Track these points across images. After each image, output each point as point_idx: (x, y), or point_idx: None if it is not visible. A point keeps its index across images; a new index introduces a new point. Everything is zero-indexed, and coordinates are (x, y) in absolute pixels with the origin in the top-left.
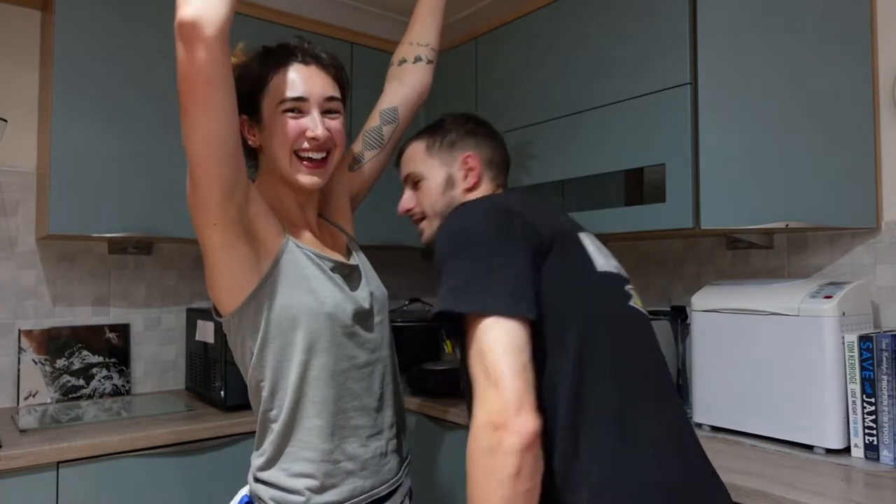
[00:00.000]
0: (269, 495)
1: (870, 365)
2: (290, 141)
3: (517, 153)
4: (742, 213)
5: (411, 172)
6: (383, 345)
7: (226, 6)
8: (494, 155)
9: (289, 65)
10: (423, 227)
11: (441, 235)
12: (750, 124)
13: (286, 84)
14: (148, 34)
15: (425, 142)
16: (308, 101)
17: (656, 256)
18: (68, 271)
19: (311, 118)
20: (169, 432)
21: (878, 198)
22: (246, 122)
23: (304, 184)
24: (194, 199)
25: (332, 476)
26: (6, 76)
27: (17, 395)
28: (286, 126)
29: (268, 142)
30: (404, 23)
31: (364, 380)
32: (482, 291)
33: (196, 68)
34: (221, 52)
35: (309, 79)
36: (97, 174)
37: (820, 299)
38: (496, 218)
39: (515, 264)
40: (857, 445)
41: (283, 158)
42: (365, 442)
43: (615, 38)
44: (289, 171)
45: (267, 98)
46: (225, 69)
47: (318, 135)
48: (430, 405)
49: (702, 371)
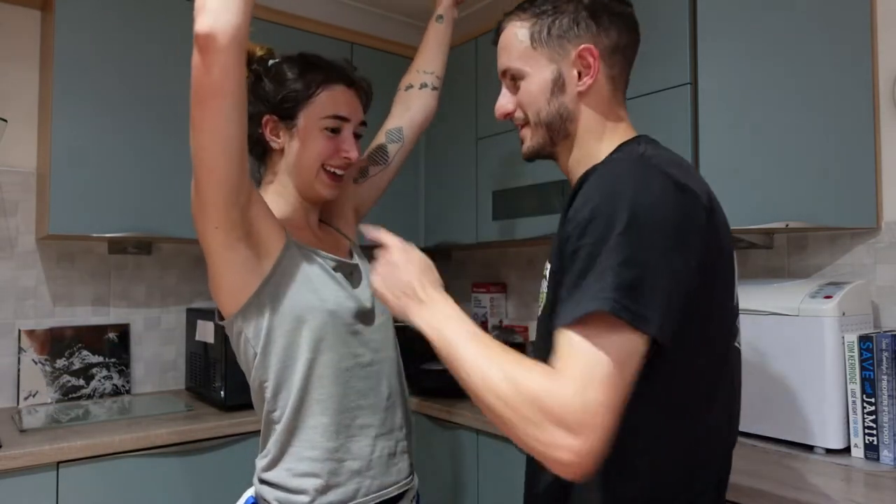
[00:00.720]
0: (274, 496)
1: (870, 365)
2: (325, 156)
3: (517, 153)
4: (742, 213)
5: (508, 67)
6: (388, 345)
7: (240, 16)
8: (620, 39)
9: (337, 84)
10: (525, 136)
11: (609, 200)
12: (750, 124)
13: (333, 102)
14: (148, 34)
15: (528, 28)
16: (349, 123)
17: None
18: (68, 271)
19: (347, 139)
20: (169, 432)
21: (878, 198)
22: (271, 122)
23: (324, 195)
24: (198, 202)
25: (337, 475)
26: (6, 76)
27: (17, 395)
28: (325, 141)
29: (297, 149)
30: (404, 23)
31: (370, 378)
32: (647, 299)
33: (210, 77)
34: (235, 62)
35: (351, 102)
36: (97, 174)
37: (820, 299)
38: (681, 202)
39: (682, 275)
40: (857, 445)
41: (310, 168)
42: (372, 441)
43: None
44: (311, 182)
45: (309, 109)
46: (238, 78)
47: (352, 156)
48: (430, 405)
49: None
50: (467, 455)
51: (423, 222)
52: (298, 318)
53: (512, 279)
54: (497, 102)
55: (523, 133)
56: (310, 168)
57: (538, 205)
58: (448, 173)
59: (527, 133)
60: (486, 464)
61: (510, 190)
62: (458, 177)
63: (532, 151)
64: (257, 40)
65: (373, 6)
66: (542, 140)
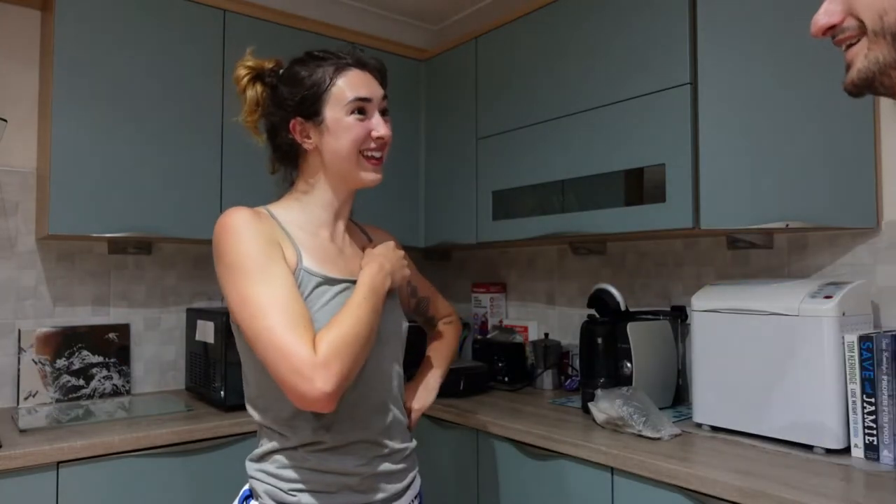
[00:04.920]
0: (263, 489)
1: (870, 365)
2: (360, 141)
3: (517, 153)
4: (742, 213)
5: None
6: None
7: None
8: None
9: (349, 69)
10: (855, 56)
11: None
12: (750, 124)
13: (351, 86)
14: (148, 34)
15: None
16: (372, 102)
17: (656, 256)
18: (68, 271)
19: (375, 119)
20: (169, 432)
21: (878, 198)
22: (298, 124)
23: (368, 181)
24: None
25: (322, 472)
26: (6, 76)
27: (17, 395)
28: (355, 127)
29: (330, 143)
30: (404, 23)
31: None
32: None
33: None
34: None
35: (368, 82)
36: (97, 174)
37: (820, 299)
38: None
39: None
40: (857, 445)
41: (349, 158)
42: (360, 451)
43: (615, 38)
44: (354, 171)
45: (331, 100)
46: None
47: (383, 134)
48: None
49: (702, 371)
50: (467, 455)
51: (423, 222)
52: None
53: (512, 279)
54: (818, 12)
55: (853, 52)
56: (349, 157)
57: (538, 205)
58: (448, 173)
59: (859, 51)
60: (486, 464)
61: (510, 190)
62: (458, 177)
63: (867, 76)
64: (258, 40)
65: (373, 6)
66: (887, 57)
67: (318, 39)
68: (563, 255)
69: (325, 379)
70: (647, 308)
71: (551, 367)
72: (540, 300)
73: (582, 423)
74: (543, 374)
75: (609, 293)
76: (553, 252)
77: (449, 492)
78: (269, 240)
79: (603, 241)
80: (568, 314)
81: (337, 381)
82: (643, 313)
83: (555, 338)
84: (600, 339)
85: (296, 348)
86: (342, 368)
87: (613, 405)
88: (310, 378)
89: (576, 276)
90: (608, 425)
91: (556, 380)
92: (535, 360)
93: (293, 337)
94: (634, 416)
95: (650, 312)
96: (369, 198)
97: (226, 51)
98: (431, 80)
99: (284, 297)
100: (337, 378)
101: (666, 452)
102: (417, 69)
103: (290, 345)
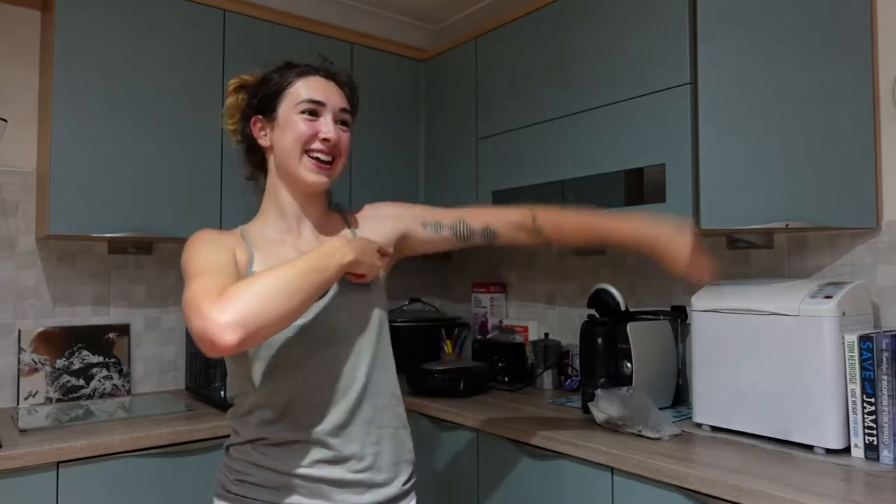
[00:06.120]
0: (217, 478)
1: (870, 365)
2: (304, 139)
3: (517, 153)
4: (742, 213)
5: None
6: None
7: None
8: None
9: (313, 75)
10: None
11: None
12: (750, 124)
13: (307, 88)
14: (148, 34)
15: None
16: (325, 106)
17: None
18: (68, 271)
19: (325, 122)
20: (169, 432)
21: (878, 198)
22: (258, 121)
23: (310, 182)
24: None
25: (261, 467)
26: (6, 76)
27: (17, 395)
28: (301, 124)
29: (280, 139)
30: (404, 23)
31: (319, 390)
32: None
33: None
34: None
35: (327, 89)
36: (97, 174)
37: (820, 299)
38: None
39: None
40: (857, 445)
41: (293, 155)
42: (301, 451)
43: (615, 39)
44: (297, 169)
45: (286, 99)
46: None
47: (330, 136)
48: (430, 405)
49: (702, 371)
50: (467, 455)
51: None
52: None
53: (512, 279)
54: None
55: None
56: (293, 154)
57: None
58: (448, 173)
59: None
60: (486, 464)
61: (510, 190)
62: (458, 177)
63: None
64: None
65: (373, 6)
66: None
67: (319, 39)
68: (563, 255)
69: (220, 311)
70: (647, 308)
71: (551, 367)
72: (540, 300)
73: (582, 423)
74: (543, 374)
75: (609, 293)
76: (553, 252)
77: (449, 492)
78: (221, 246)
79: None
80: (568, 314)
81: (233, 318)
82: (643, 313)
83: (555, 338)
84: (600, 339)
85: (202, 291)
86: (244, 308)
87: (613, 405)
88: (206, 314)
89: (576, 276)
90: (608, 425)
91: (556, 380)
92: (535, 360)
93: (200, 281)
94: (634, 415)
95: (650, 312)
96: (369, 198)
97: (226, 51)
98: (431, 80)
99: (211, 263)
100: (233, 316)
101: (666, 452)
102: (417, 69)
103: (196, 288)
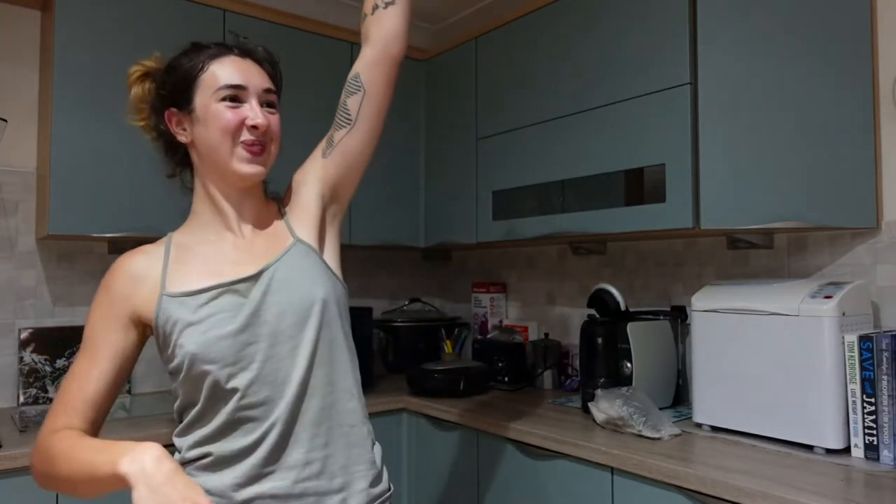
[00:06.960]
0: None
1: (870, 365)
2: (231, 130)
3: (517, 153)
4: (742, 213)
5: None
6: (273, 372)
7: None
8: None
9: (227, 56)
10: None
11: None
12: (750, 124)
13: (223, 73)
14: (147, 34)
15: None
16: (247, 90)
17: (656, 256)
18: (68, 271)
19: (249, 107)
20: (169, 432)
21: (878, 198)
22: (175, 115)
23: (245, 173)
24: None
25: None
26: (6, 76)
27: (17, 394)
28: (225, 114)
29: (202, 134)
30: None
31: (255, 397)
32: None
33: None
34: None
35: (246, 70)
36: (97, 174)
37: (820, 299)
38: None
39: None
40: (857, 445)
41: (221, 149)
42: (237, 468)
43: (615, 38)
44: (228, 163)
45: (201, 87)
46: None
47: (259, 123)
48: (430, 405)
49: (702, 371)
50: (467, 455)
51: (423, 222)
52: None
53: (512, 279)
54: None
55: None
56: (221, 148)
57: (538, 205)
58: (448, 173)
59: None
60: (486, 464)
61: (510, 190)
62: (458, 177)
63: None
64: (258, 40)
65: None
66: None
67: (318, 39)
68: (563, 255)
69: (35, 453)
70: (647, 308)
71: (551, 367)
72: (540, 300)
73: (582, 423)
74: (543, 374)
75: (609, 293)
76: (553, 252)
77: (449, 492)
78: (117, 306)
79: (603, 241)
80: (568, 314)
81: (35, 470)
82: (643, 313)
83: (555, 338)
84: (600, 339)
85: (48, 415)
86: (39, 472)
87: (613, 405)
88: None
89: (576, 276)
90: (608, 425)
91: (556, 380)
92: (535, 360)
93: (57, 398)
94: (634, 416)
95: (650, 312)
96: (369, 198)
97: None
98: (431, 80)
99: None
100: (35, 469)
101: (666, 452)
102: (417, 69)
103: (54, 403)
